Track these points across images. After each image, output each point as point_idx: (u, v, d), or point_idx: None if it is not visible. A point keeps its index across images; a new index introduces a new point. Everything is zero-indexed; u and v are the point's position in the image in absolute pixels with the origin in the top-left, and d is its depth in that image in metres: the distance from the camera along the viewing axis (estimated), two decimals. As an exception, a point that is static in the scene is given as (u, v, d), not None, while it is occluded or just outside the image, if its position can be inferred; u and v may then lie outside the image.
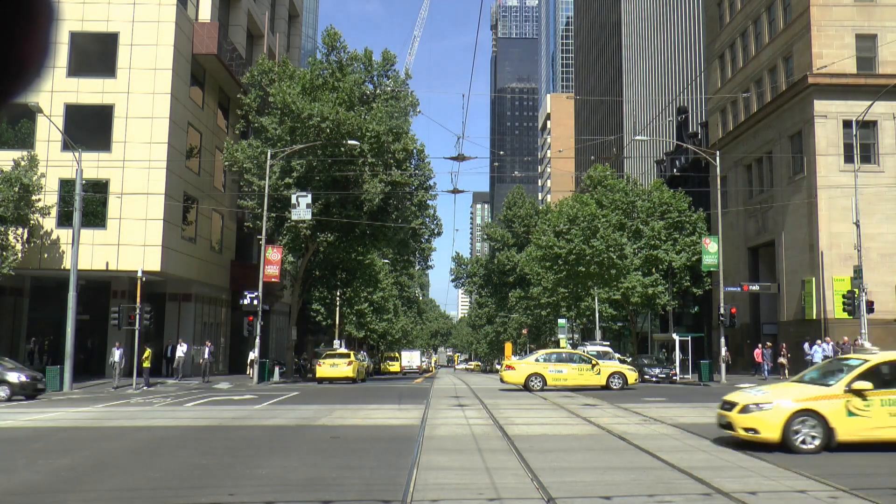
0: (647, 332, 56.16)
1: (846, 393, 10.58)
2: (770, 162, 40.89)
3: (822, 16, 36.46)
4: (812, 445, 10.40)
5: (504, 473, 8.90)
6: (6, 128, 34.19)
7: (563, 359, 28.28)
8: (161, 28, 34.39)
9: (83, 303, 30.97)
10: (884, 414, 10.50)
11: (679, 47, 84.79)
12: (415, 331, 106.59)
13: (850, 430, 10.48)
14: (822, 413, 10.47)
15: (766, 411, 10.67)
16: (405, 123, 38.30)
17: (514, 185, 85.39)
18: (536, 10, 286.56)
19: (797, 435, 10.47)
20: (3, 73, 1.15)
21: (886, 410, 10.51)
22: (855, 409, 10.49)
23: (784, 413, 10.53)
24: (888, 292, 34.17)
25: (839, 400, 10.56)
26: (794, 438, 10.45)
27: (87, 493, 8.19)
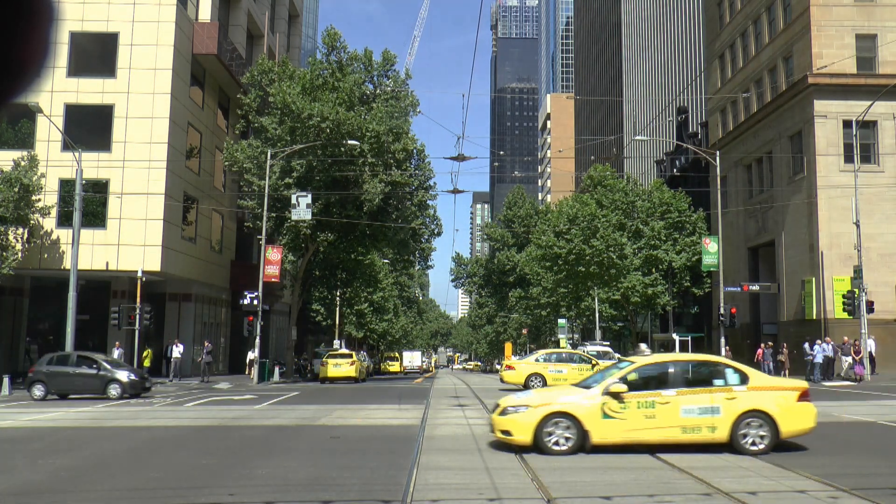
0: (647, 332, 56.16)
1: (604, 395, 10.58)
2: (770, 162, 40.89)
3: (822, 16, 36.45)
4: (565, 447, 10.41)
5: (504, 473, 8.90)
6: (6, 128, 34.19)
7: (563, 359, 28.28)
8: (161, 28, 34.39)
9: (83, 303, 30.96)
10: (639, 416, 10.47)
11: (679, 47, 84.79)
12: (415, 331, 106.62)
13: (605, 433, 10.47)
14: (576, 415, 10.48)
15: (521, 413, 10.70)
16: (405, 123, 38.30)
17: (514, 185, 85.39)
18: (536, 10, 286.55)
19: (550, 437, 10.47)
20: (3, 73, 1.15)
21: (642, 413, 10.47)
22: (610, 412, 10.48)
23: (537, 416, 10.54)
24: (888, 292, 34.16)
25: (596, 402, 10.57)
26: (547, 440, 10.45)
27: (87, 493, 8.19)
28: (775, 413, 10.50)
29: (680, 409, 10.48)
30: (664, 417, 10.47)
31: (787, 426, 10.55)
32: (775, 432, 10.44)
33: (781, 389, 10.86)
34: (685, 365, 11.18)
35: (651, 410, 10.50)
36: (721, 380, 10.88)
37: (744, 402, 10.52)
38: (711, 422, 10.48)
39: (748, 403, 10.52)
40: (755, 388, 10.72)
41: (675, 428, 10.46)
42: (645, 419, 10.48)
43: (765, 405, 10.54)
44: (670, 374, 10.92)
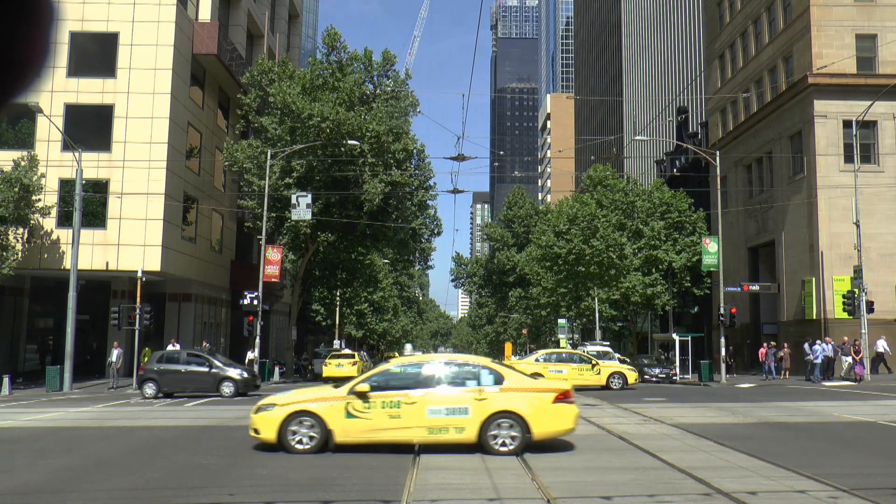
0: (647, 332, 56.17)
1: (349, 395, 10.61)
2: (770, 162, 40.88)
3: (822, 16, 36.45)
4: (308, 446, 10.48)
5: (504, 473, 8.90)
6: (6, 128, 34.19)
7: (563, 359, 28.29)
8: (161, 28, 34.38)
9: (83, 303, 30.97)
10: (384, 416, 10.50)
11: (679, 47, 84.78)
12: (415, 331, 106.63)
13: (350, 432, 10.51)
14: (320, 414, 10.54)
15: (270, 411, 10.80)
16: (405, 123, 38.29)
17: (514, 185, 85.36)
18: (536, 10, 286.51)
19: (294, 435, 10.54)
20: (3, 73, 1.15)
21: (386, 413, 10.50)
22: (355, 411, 10.52)
23: (281, 414, 10.62)
24: (888, 292, 34.16)
25: (341, 402, 10.60)
26: (291, 439, 10.53)
27: (87, 493, 8.19)
28: (527, 414, 10.47)
29: (426, 409, 10.48)
30: (409, 417, 10.48)
31: (540, 427, 10.52)
32: (527, 433, 10.42)
33: (537, 391, 10.80)
34: (440, 365, 11.19)
35: (396, 410, 10.52)
36: (475, 381, 10.86)
37: (494, 404, 10.51)
38: (459, 422, 10.46)
39: (499, 405, 10.51)
40: (509, 389, 10.70)
41: (420, 428, 10.47)
42: (389, 419, 10.49)
43: (516, 406, 10.51)
44: (422, 375, 10.94)
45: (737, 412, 16.96)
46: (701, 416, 16.38)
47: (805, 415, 16.54)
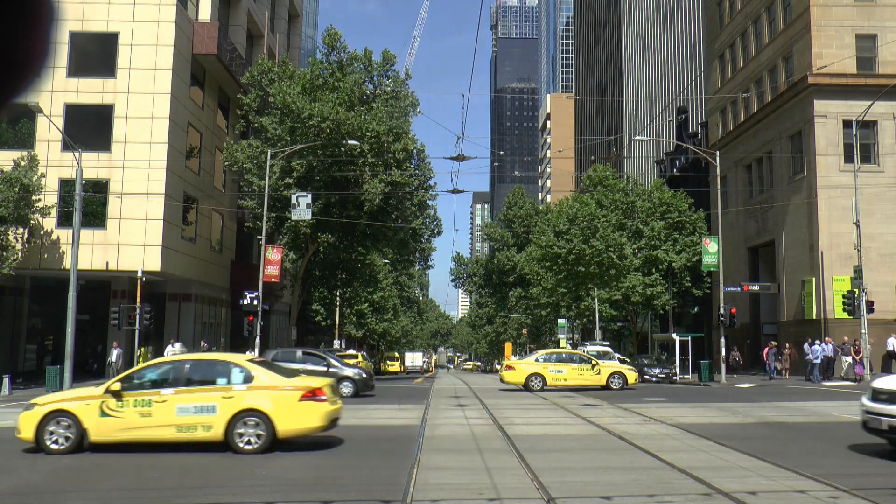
0: (647, 332, 56.16)
1: (105, 394, 10.58)
2: (770, 162, 40.89)
3: (822, 16, 36.45)
4: (63, 446, 10.45)
5: (504, 473, 8.90)
6: (6, 128, 34.19)
7: (563, 359, 28.28)
8: (161, 28, 34.38)
9: (83, 303, 30.94)
10: (136, 415, 10.49)
11: (679, 47, 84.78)
12: (415, 331, 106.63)
13: (103, 431, 10.49)
14: (75, 413, 10.51)
15: (30, 411, 10.79)
16: (405, 123, 38.28)
17: (514, 185, 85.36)
18: (536, 10, 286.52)
19: (52, 435, 10.51)
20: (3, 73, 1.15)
21: (138, 411, 10.50)
22: (109, 410, 10.50)
23: (40, 413, 10.60)
24: (888, 292, 34.16)
25: (96, 401, 10.56)
26: (47, 439, 10.50)
27: (88, 492, 8.19)
28: (271, 412, 10.51)
29: (175, 407, 10.50)
30: (160, 416, 10.48)
31: (285, 425, 10.58)
32: (272, 431, 10.48)
33: (284, 389, 10.82)
34: (192, 364, 11.23)
35: (148, 409, 10.51)
36: (225, 379, 10.90)
37: (242, 402, 10.56)
38: (207, 420, 10.49)
39: (245, 402, 10.56)
40: (257, 387, 10.74)
41: (170, 427, 10.49)
42: (141, 417, 10.49)
43: (261, 404, 10.57)
44: (175, 373, 10.97)
45: (737, 412, 16.96)
46: (701, 416, 16.39)
47: (805, 415, 16.54)
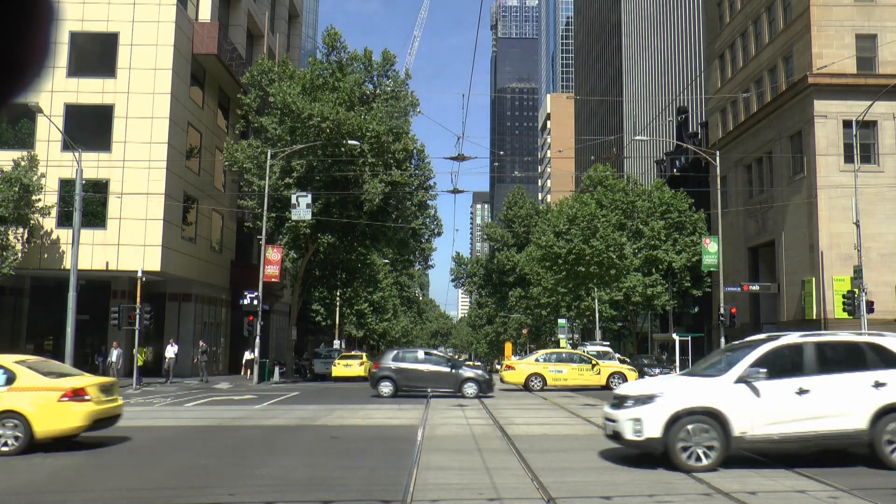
0: (647, 332, 56.16)
1: None
2: (770, 162, 40.89)
3: (822, 16, 36.45)
4: None
5: (504, 473, 8.90)
6: (6, 128, 34.19)
7: (563, 359, 28.29)
8: (161, 28, 34.39)
9: (83, 303, 30.94)
10: None
11: (679, 47, 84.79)
12: (415, 331, 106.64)
13: None
14: None
15: None
16: (405, 123, 38.29)
17: (514, 185, 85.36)
18: (536, 10, 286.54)
19: None
20: (3, 73, 1.15)
21: None
22: None
23: None
24: (888, 292, 34.17)
25: None
26: None
27: (88, 493, 8.19)
28: (30, 413, 10.48)
29: None
30: None
31: (43, 426, 10.55)
32: (29, 433, 10.46)
33: (44, 389, 10.76)
34: None
35: None
36: None
37: (1, 403, 10.57)
38: None
39: (4, 404, 10.55)
40: (18, 388, 10.70)
41: None
42: None
43: (20, 405, 10.53)
44: None
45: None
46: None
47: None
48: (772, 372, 9.44)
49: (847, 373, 9.50)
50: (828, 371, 9.50)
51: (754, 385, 9.25)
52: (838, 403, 9.23)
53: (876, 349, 9.63)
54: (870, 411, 9.12)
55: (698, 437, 9.03)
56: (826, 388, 9.30)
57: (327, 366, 41.34)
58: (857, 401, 9.22)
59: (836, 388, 9.33)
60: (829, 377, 9.43)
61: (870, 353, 9.61)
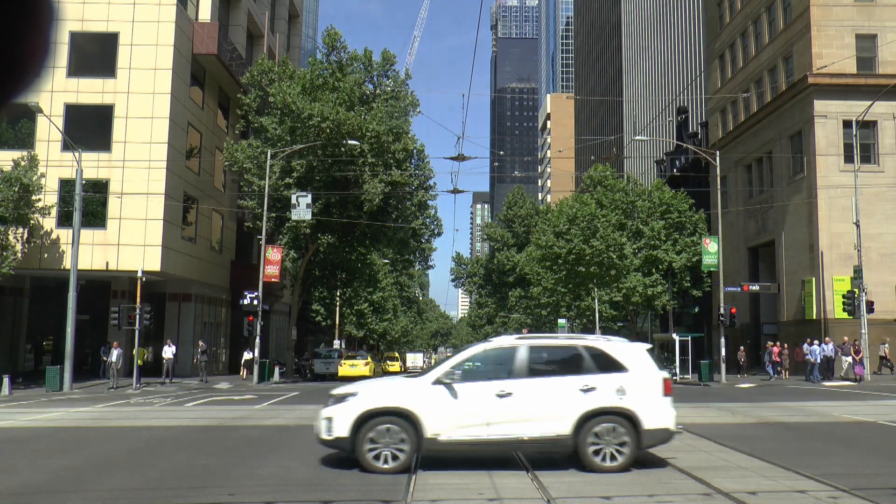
0: (647, 332, 56.16)
1: None
2: (770, 162, 40.89)
3: (822, 16, 36.46)
4: None
5: (504, 473, 8.90)
6: (6, 128, 34.19)
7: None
8: (161, 28, 34.39)
9: (83, 303, 30.96)
10: None
11: (679, 47, 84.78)
12: (415, 331, 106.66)
13: None
14: None
15: None
16: (405, 123, 38.30)
17: (514, 185, 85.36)
18: (536, 10, 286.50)
19: None
20: (3, 73, 1.15)
21: None
22: None
23: None
24: (888, 292, 34.17)
25: None
26: None
27: (88, 493, 8.19)
28: None
29: None
30: None
31: None
32: None
33: None
34: None
35: None
36: None
37: None
38: None
39: None
40: None
41: None
42: None
43: None
44: None
45: (737, 412, 16.96)
46: (701, 415, 16.38)
47: (805, 415, 16.54)
48: (476, 374, 9.28)
49: (556, 377, 9.29)
50: (537, 375, 9.26)
51: (453, 387, 9.04)
52: (542, 408, 8.99)
53: (594, 353, 9.40)
54: (575, 416, 8.94)
55: (388, 438, 8.85)
56: (530, 392, 9.05)
57: (327, 366, 41.38)
58: (562, 405, 8.98)
59: (541, 392, 9.08)
60: (536, 381, 9.17)
61: (587, 358, 9.36)
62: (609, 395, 9.06)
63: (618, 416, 8.99)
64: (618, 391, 9.07)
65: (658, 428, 9.09)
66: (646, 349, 9.74)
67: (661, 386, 9.25)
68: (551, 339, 10.51)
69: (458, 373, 9.20)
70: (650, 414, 9.07)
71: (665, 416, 9.18)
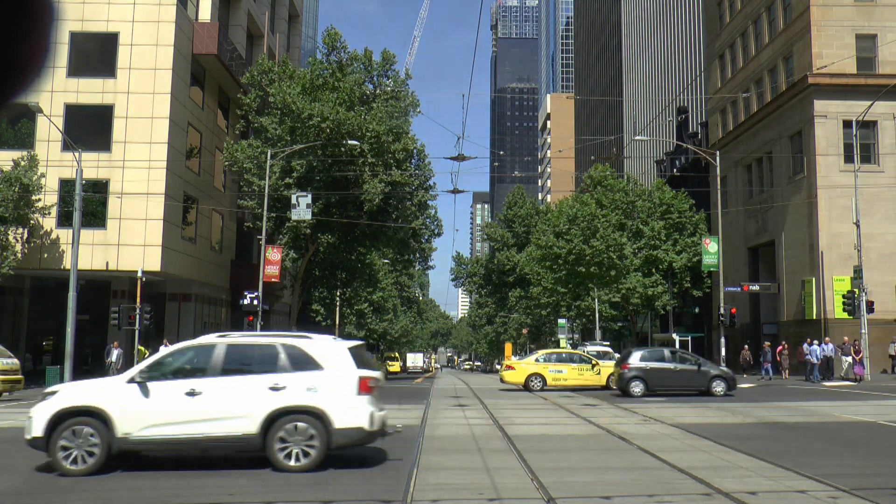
0: (647, 332, 56.15)
1: None
2: (770, 162, 40.89)
3: (822, 16, 36.46)
4: None
5: (504, 473, 8.90)
6: (6, 128, 34.19)
7: (563, 359, 28.28)
8: (161, 28, 34.38)
9: (83, 303, 30.95)
10: None
11: (679, 47, 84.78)
12: (415, 331, 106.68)
13: None
14: None
15: None
16: (405, 123, 38.30)
17: (515, 185, 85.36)
18: (536, 10, 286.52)
19: None
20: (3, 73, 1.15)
21: None
22: None
23: None
24: (888, 292, 34.16)
25: None
26: None
27: (87, 493, 8.19)
28: None
29: None
30: None
31: None
32: None
33: None
34: None
35: None
36: None
37: None
38: None
39: None
40: None
41: None
42: None
43: None
44: None
45: (737, 412, 16.96)
46: (701, 415, 16.39)
47: (805, 415, 16.55)
48: (173, 373, 9.24)
49: (248, 375, 9.20)
50: (231, 373, 9.17)
51: (146, 385, 9.02)
52: (229, 406, 8.94)
53: (291, 352, 9.30)
54: (262, 415, 8.87)
55: (80, 439, 8.80)
56: (220, 391, 9.01)
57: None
58: (249, 404, 8.94)
59: (230, 391, 9.03)
60: (227, 379, 9.11)
61: (283, 356, 9.26)
62: (299, 394, 9.01)
63: (306, 415, 8.95)
64: (309, 389, 9.02)
65: (350, 427, 9.04)
66: (348, 347, 9.57)
67: (355, 385, 9.17)
68: (252, 337, 10.28)
69: (153, 372, 9.16)
70: (342, 413, 9.01)
71: (358, 415, 9.09)
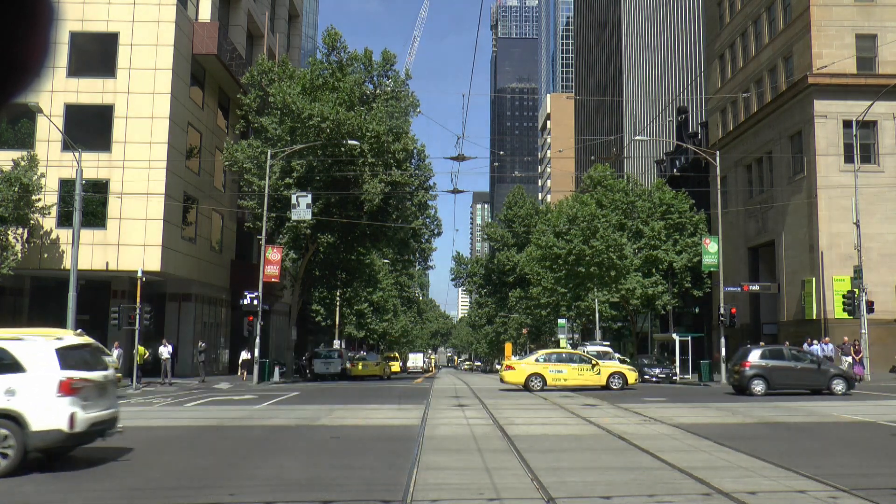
0: (648, 332, 56.14)
1: None
2: (770, 162, 40.89)
3: (822, 16, 36.45)
4: None
5: (504, 473, 8.90)
6: (6, 128, 34.20)
7: (563, 359, 28.27)
8: (161, 28, 34.39)
9: (83, 303, 30.93)
10: None
11: (679, 47, 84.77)
12: (415, 331, 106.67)
13: None
14: None
15: None
16: (405, 123, 38.32)
17: (515, 185, 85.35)
18: (536, 10, 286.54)
19: None
20: (3, 73, 1.15)
21: None
22: None
23: None
24: (888, 292, 34.16)
25: None
26: None
27: (87, 492, 8.19)
28: None
29: None
30: None
31: None
32: None
33: None
34: None
35: None
36: None
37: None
38: None
39: None
40: None
41: None
42: None
43: None
44: None
45: (737, 412, 16.96)
46: (701, 416, 16.39)
47: (805, 415, 16.55)
48: None
49: None
50: None
51: None
52: None
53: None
54: None
55: None
56: None
57: (327, 366, 41.56)
58: None
59: None
60: None
61: None
62: None
63: (3, 418, 8.92)
64: (7, 392, 8.98)
65: (48, 429, 8.98)
66: (58, 348, 9.41)
67: (55, 387, 9.08)
68: None
69: None
70: (40, 415, 8.96)
71: (58, 417, 9.01)
